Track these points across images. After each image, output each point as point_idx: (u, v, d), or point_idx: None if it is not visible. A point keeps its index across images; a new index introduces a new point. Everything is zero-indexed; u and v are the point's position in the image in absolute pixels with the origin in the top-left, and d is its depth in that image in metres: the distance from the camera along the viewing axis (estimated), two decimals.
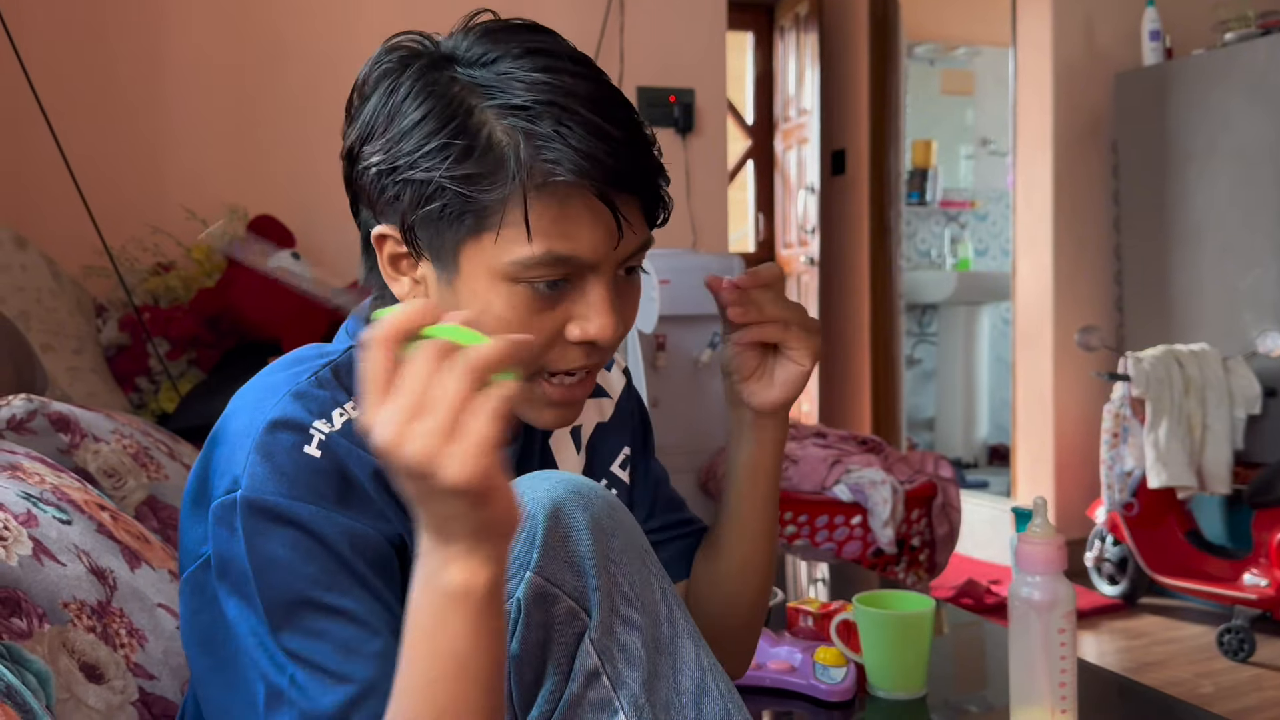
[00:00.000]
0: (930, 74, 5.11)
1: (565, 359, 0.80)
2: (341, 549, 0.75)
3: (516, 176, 0.74)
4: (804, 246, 4.61)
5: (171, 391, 2.53)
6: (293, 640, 0.74)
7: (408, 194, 0.77)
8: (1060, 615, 1.07)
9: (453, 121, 0.76)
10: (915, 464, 2.90)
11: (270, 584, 0.74)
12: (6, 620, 0.91)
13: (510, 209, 0.75)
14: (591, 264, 0.78)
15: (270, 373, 0.84)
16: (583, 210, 0.76)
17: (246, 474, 0.75)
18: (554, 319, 0.79)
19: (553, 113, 0.75)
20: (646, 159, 0.79)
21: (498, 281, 0.77)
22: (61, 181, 2.37)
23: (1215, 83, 3.32)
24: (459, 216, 0.76)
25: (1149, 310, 3.54)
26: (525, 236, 0.75)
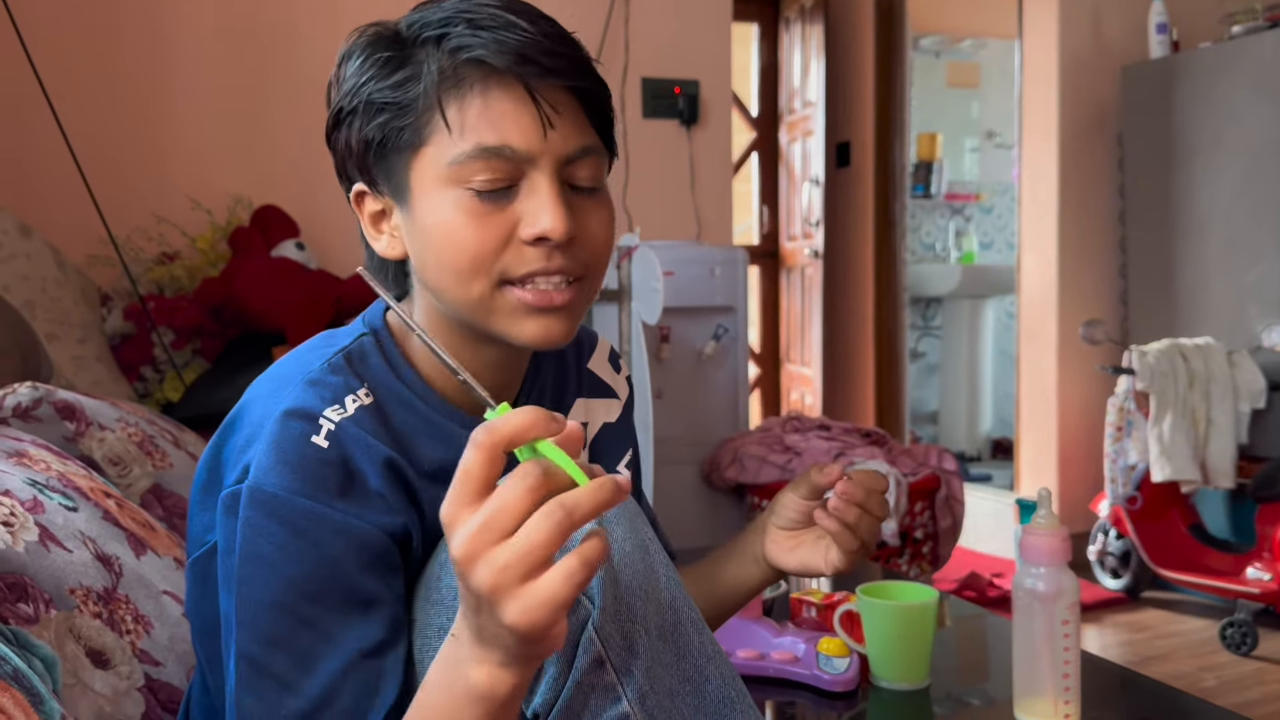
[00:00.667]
0: (936, 66, 5.10)
1: (523, 261, 0.79)
2: (333, 551, 0.75)
3: (431, 72, 0.77)
4: (808, 239, 4.61)
5: (176, 381, 2.53)
6: (253, 643, 0.74)
7: (354, 128, 0.80)
8: (1064, 607, 1.07)
9: (384, 51, 0.80)
10: (919, 457, 2.90)
11: (249, 579, 0.75)
12: (13, 606, 0.91)
13: (435, 108, 0.78)
14: (527, 157, 0.78)
15: (286, 361, 0.85)
16: (505, 99, 0.77)
17: (255, 465, 0.76)
18: (503, 220, 0.79)
19: (466, 17, 0.78)
20: (566, 47, 0.80)
21: (443, 188, 0.79)
22: (66, 170, 2.37)
23: (1222, 76, 3.31)
24: (398, 133, 0.79)
25: (1154, 304, 3.53)
26: (457, 135, 0.77)
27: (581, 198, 0.82)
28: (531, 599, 0.57)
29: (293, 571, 0.74)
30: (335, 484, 0.76)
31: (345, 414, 0.79)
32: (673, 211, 3.54)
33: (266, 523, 0.74)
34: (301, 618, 0.74)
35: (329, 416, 0.78)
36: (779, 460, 2.83)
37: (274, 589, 0.74)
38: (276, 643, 0.74)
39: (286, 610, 0.74)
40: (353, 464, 0.77)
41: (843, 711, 1.20)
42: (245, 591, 0.74)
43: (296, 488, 0.75)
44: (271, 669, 0.74)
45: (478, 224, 0.78)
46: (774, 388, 4.94)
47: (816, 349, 4.57)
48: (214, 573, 0.82)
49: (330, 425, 0.77)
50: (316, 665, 0.74)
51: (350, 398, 0.80)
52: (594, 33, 3.29)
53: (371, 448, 0.78)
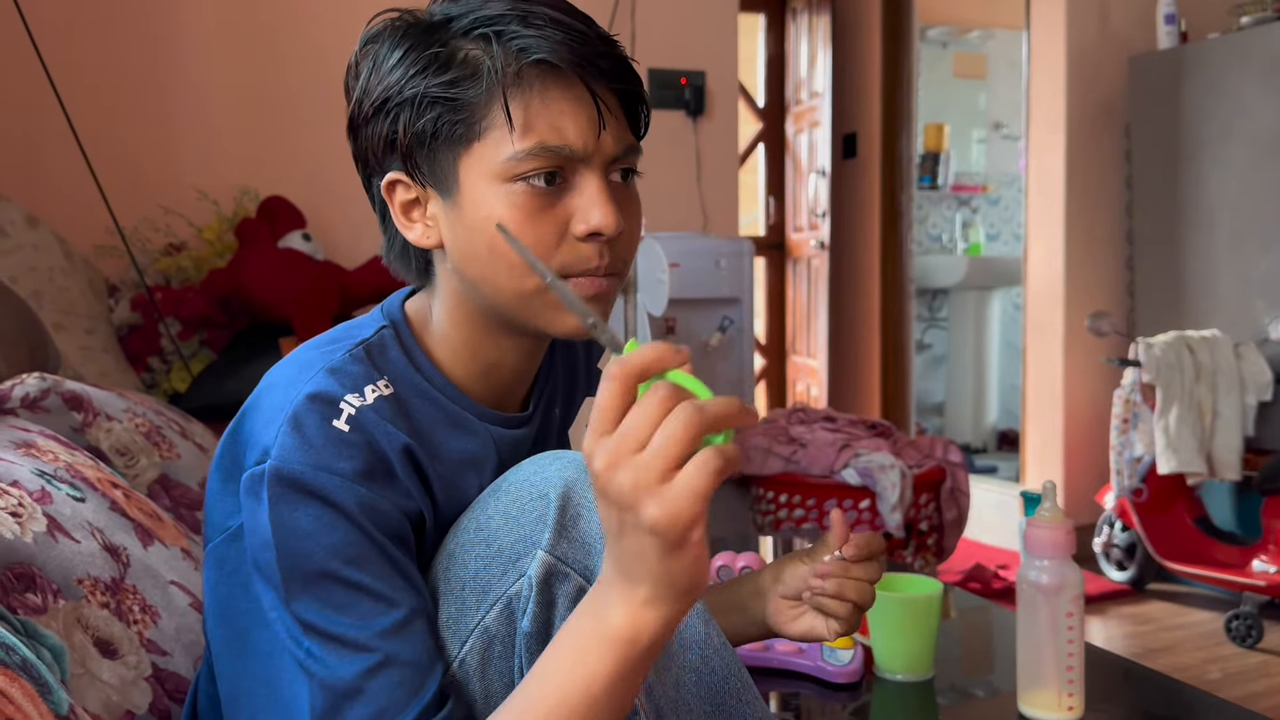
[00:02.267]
0: (943, 57, 5.08)
1: (579, 257, 0.81)
2: (363, 522, 0.76)
3: (493, 71, 0.78)
4: (814, 230, 4.60)
5: (183, 371, 2.54)
6: (309, 612, 0.75)
7: (401, 121, 0.81)
8: (1068, 599, 1.07)
9: (431, 45, 0.80)
10: (924, 448, 2.90)
11: (291, 554, 0.75)
12: (22, 596, 0.91)
13: (494, 107, 0.78)
14: (582, 156, 0.80)
15: (305, 350, 0.85)
16: (563, 99, 0.79)
17: (276, 445, 0.76)
18: (556, 217, 0.80)
19: (516, 14, 0.79)
20: (615, 50, 0.82)
21: (495, 184, 0.79)
22: (74, 161, 2.37)
23: (1231, 67, 3.30)
24: (451, 128, 0.79)
25: (1160, 296, 3.53)
26: (512, 133, 0.78)
27: (622, 195, 0.84)
28: (670, 492, 0.57)
29: (333, 539, 0.75)
30: (359, 466, 0.77)
31: (365, 402, 0.79)
32: (679, 203, 3.54)
33: (297, 498, 0.75)
34: (352, 582, 0.75)
35: (350, 402, 0.79)
36: (784, 452, 2.83)
37: (318, 559, 0.75)
38: (335, 607, 0.75)
39: (336, 578, 0.75)
40: (376, 447, 0.78)
41: (847, 703, 1.20)
42: (289, 566, 0.75)
43: (322, 464, 0.76)
44: (335, 631, 0.74)
45: (533, 219, 0.79)
46: (780, 379, 4.93)
47: (822, 340, 4.57)
48: (233, 557, 0.83)
49: (351, 410, 0.78)
50: (377, 623, 0.75)
51: (370, 388, 0.81)
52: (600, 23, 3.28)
53: (391, 435, 0.79)
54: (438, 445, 0.84)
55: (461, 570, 0.80)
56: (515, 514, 0.79)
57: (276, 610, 0.76)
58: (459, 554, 0.81)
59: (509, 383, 0.90)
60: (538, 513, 0.78)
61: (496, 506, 0.81)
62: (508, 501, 0.80)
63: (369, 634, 0.75)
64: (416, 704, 0.75)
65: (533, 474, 0.81)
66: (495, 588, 0.79)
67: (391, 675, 0.74)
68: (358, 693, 0.74)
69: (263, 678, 0.82)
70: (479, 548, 0.80)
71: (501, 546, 0.79)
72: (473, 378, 0.88)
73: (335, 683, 0.74)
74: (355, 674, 0.74)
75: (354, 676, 0.74)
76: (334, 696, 0.74)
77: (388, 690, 0.74)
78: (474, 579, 0.80)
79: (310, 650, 0.75)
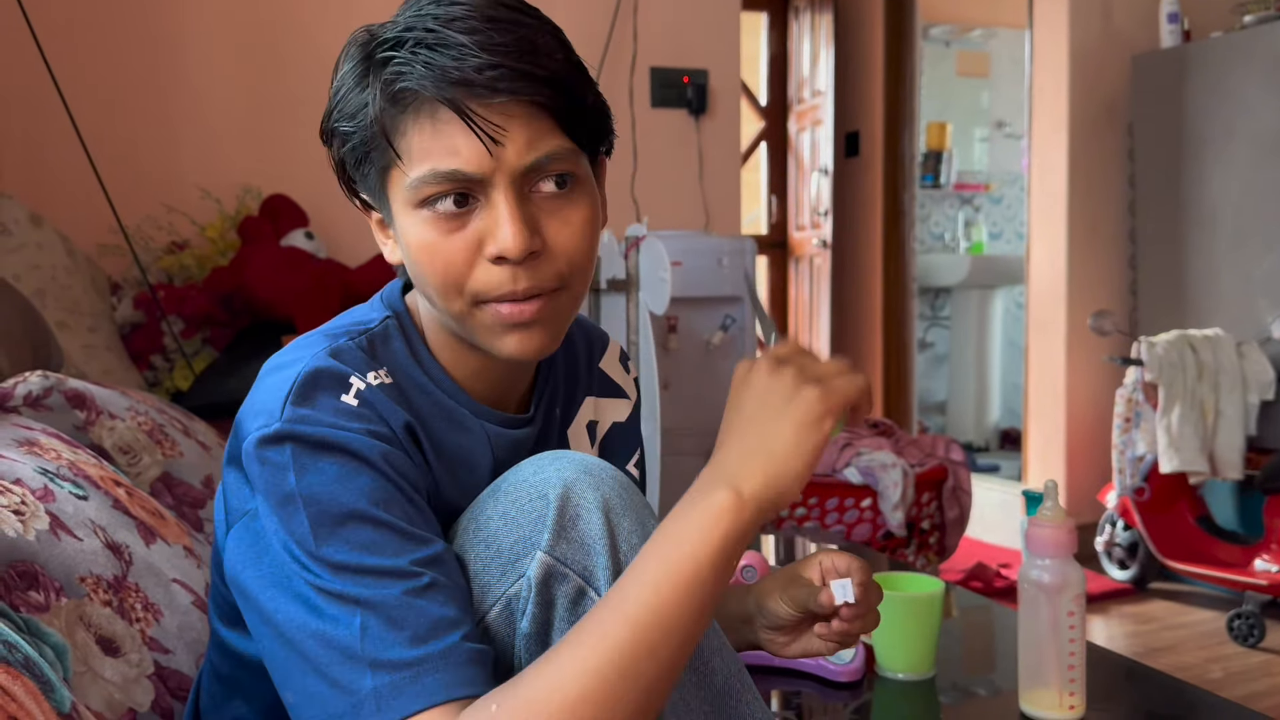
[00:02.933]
0: (945, 55, 5.08)
1: (492, 281, 0.79)
2: (387, 469, 0.76)
3: (376, 104, 0.78)
4: (817, 229, 4.60)
5: (186, 370, 2.54)
6: (339, 553, 0.72)
7: (334, 147, 0.82)
8: (1070, 598, 1.07)
9: (354, 72, 0.80)
10: (926, 447, 2.90)
11: (317, 500, 0.73)
12: (24, 594, 0.92)
13: (399, 136, 0.78)
14: (479, 178, 0.77)
15: (308, 336, 0.86)
16: (451, 122, 0.77)
17: (286, 410, 0.76)
18: (466, 240, 0.79)
19: (412, 35, 0.77)
20: (511, 59, 0.76)
21: (409, 210, 0.80)
22: (77, 160, 2.38)
23: (1234, 66, 3.30)
24: (367, 156, 0.80)
25: (1163, 295, 3.52)
26: (414, 160, 0.77)
27: (553, 204, 0.80)
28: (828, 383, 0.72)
29: (359, 483, 0.74)
30: (372, 427, 0.77)
31: (368, 384, 0.80)
32: (681, 201, 3.54)
33: (317, 450, 0.75)
34: (383, 521, 0.74)
35: (357, 379, 0.79)
36: None
37: (346, 502, 0.73)
38: (365, 547, 0.73)
39: (366, 518, 0.73)
40: (383, 420, 0.78)
41: (848, 701, 1.20)
42: (316, 512, 0.73)
43: (337, 423, 0.76)
44: (370, 566, 0.72)
45: (443, 244, 0.79)
46: None
47: (824, 339, 4.57)
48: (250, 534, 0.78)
49: (360, 386, 0.79)
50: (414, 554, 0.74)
51: (372, 374, 0.81)
52: (603, 22, 3.29)
53: (395, 412, 0.80)
54: (434, 437, 0.84)
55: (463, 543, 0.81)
56: (514, 514, 0.79)
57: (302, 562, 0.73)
58: (458, 554, 0.81)
59: (503, 383, 0.90)
60: (537, 513, 0.78)
61: (495, 507, 0.81)
62: (506, 502, 0.80)
63: (407, 563, 0.73)
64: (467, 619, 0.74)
65: (532, 474, 0.81)
66: (494, 588, 0.79)
67: (437, 594, 0.73)
68: (409, 607, 0.71)
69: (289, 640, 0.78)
70: (478, 548, 0.80)
71: (500, 547, 0.79)
72: (468, 375, 0.88)
73: (383, 600, 0.71)
74: (402, 592, 0.72)
75: (401, 594, 0.72)
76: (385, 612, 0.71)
77: (438, 605, 0.72)
78: (474, 579, 0.79)
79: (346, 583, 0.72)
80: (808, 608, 0.98)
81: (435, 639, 0.71)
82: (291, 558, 0.73)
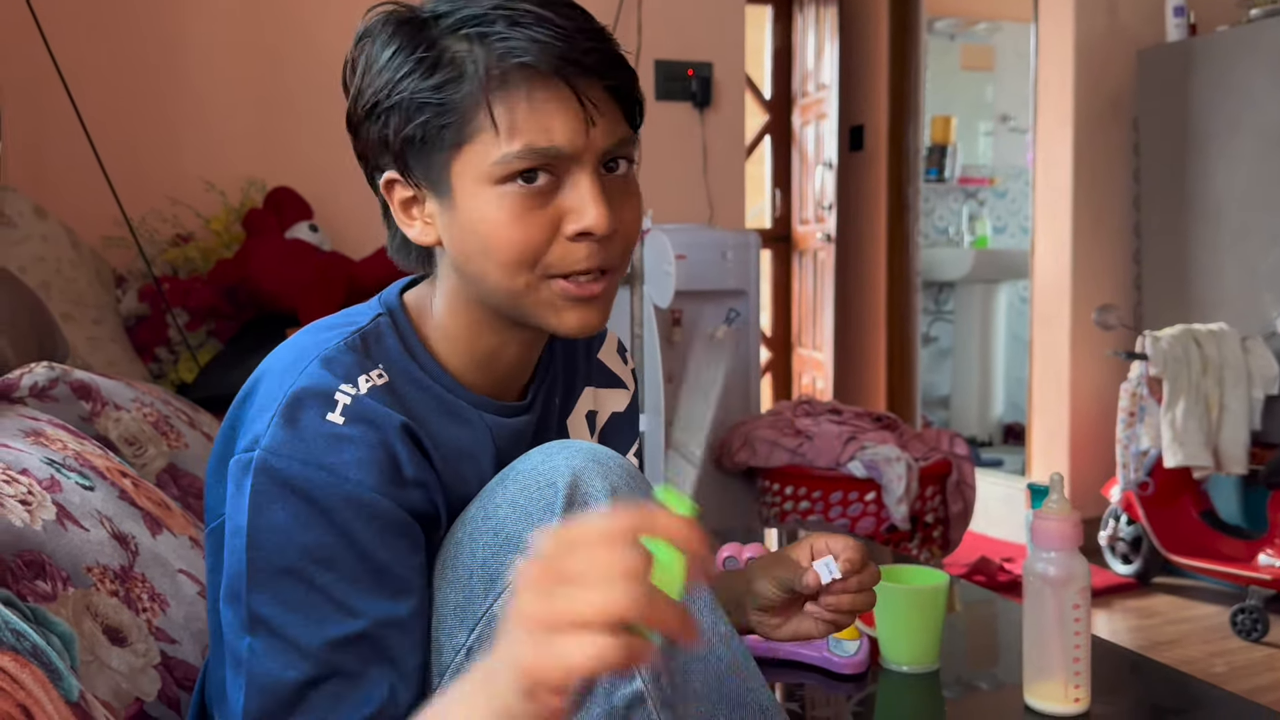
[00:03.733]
0: (950, 49, 5.06)
1: (569, 258, 0.81)
2: (345, 520, 0.76)
3: (477, 74, 0.77)
4: (821, 223, 4.59)
5: (191, 362, 2.55)
6: (264, 605, 0.75)
7: (392, 125, 0.81)
8: (1075, 591, 1.07)
9: (418, 46, 0.79)
10: (930, 441, 2.90)
11: (261, 546, 0.76)
12: (31, 583, 0.92)
13: (480, 111, 0.78)
14: (571, 155, 0.79)
15: (301, 336, 0.86)
16: (550, 100, 0.78)
17: (267, 436, 0.77)
18: (547, 217, 0.80)
19: (503, 14, 0.78)
20: (603, 44, 0.81)
21: (486, 186, 0.79)
22: (82, 152, 2.38)
23: (1239, 60, 3.29)
24: (439, 132, 0.79)
25: (1168, 289, 3.52)
26: (502, 136, 0.78)
27: (620, 187, 0.83)
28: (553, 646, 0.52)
29: (306, 539, 0.75)
30: (348, 457, 0.77)
31: (359, 391, 0.80)
32: (685, 195, 3.54)
33: (278, 491, 0.76)
34: (315, 584, 0.75)
35: (344, 392, 0.79)
36: (790, 444, 2.83)
37: (288, 555, 0.75)
38: (291, 606, 0.75)
39: (301, 576, 0.75)
40: (370, 435, 0.78)
41: (852, 694, 1.20)
42: (258, 557, 0.76)
43: (311, 459, 0.76)
44: (285, 632, 0.75)
45: (524, 221, 0.79)
46: (785, 372, 4.93)
47: (828, 333, 4.57)
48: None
49: (346, 400, 0.79)
50: (328, 631, 0.75)
51: (363, 377, 0.81)
52: (607, 14, 3.28)
53: (388, 416, 0.79)
54: (433, 434, 0.84)
55: (469, 558, 0.81)
56: (523, 502, 0.79)
57: (231, 598, 0.77)
58: (466, 542, 0.81)
59: (508, 372, 0.91)
60: (545, 501, 0.78)
61: (504, 495, 0.81)
62: (515, 490, 0.80)
63: (319, 641, 0.75)
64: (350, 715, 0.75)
65: (540, 462, 0.81)
66: (504, 576, 0.79)
67: (334, 689, 0.75)
68: (297, 703, 0.74)
69: None
70: (486, 536, 0.80)
71: (509, 535, 0.79)
72: (470, 367, 0.88)
73: (277, 688, 0.75)
74: (297, 682, 0.74)
75: (295, 685, 0.74)
76: (274, 702, 0.75)
77: (328, 703, 0.75)
78: (482, 567, 0.80)
79: (253, 647, 0.75)
80: (793, 588, 0.99)
81: None
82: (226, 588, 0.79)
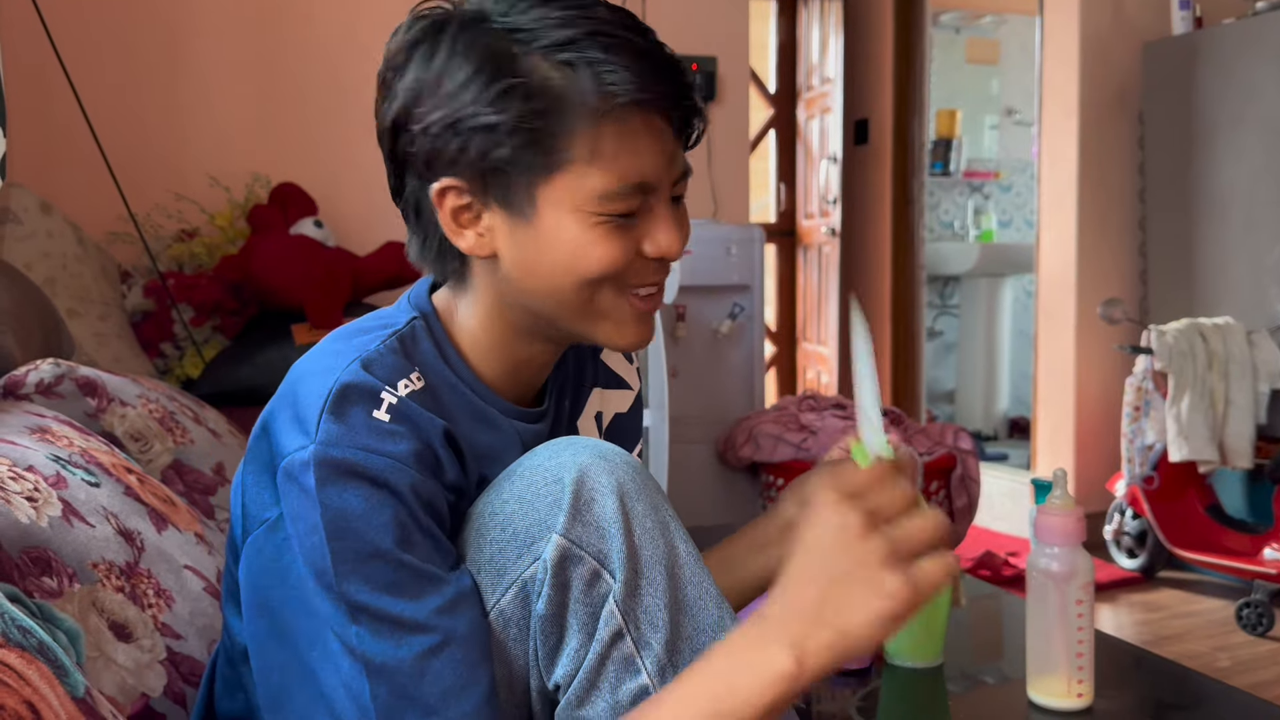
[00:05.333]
0: (955, 42, 5.05)
1: (644, 274, 0.85)
2: (412, 503, 0.77)
3: (582, 105, 0.77)
4: (825, 217, 4.59)
5: (196, 357, 2.55)
6: (360, 593, 0.75)
7: (474, 144, 0.79)
8: (1078, 587, 1.07)
9: (505, 68, 0.78)
10: (935, 436, 2.90)
11: (340, 535, 0.75)
12: (38, 579, 0.92)
13: (579, 141, 0.78)
14: (656, 186, 0.82)
15: (335, 340, 0.86)
16: (643, 133, 0.80)
17: (320, 431, 0.77)
18: (633, 238, 0.83)
19: (599, 42, 0.78)
20: (684, 76, 0.83)
21: (579, 215, 0.81)
22: (87, 148, 2.38)
23: (1245, 53, 3.28)
24: (530, 158, 0.79)
25: (1173, 283, 3.51)
26: (598, 167, 0.79)
27: (680, 215, 0.87)
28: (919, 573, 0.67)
29: (382, 520, 0.76)
30: (403, 448, 0.78)
31: (400, 395, 0.80)
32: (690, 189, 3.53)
33: (346, 481, 0.76)
34: (403, 563, 0.76)
35: (389, 392, 0.79)
36: (794, 439, 2.83)
37: (368, 539, 0.75)
38: (386, 587, 0.75)
39: (388, 558, 0.75)
40: (416, 435, 0.79)
41: (856, 689, 1.20)
42: (340, 547, 0.75)
43: (370, 447, 0.77)
44: (388, 612, 0.75)
45: (612, 244, 0.82)
46: (790, 366, 4.93)
47: (833, 327, 4.56)
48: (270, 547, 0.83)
49: (391, 400, 0.79)
50: (430, 601, 0.76)
51: (403, 381, 0.81)
52: None
53: (431, 420, 0.80)
54: (466, 437, 0.84)
55: (477, 553, 0.81)
56: (530, 498, 0.80)
57: (322, 596, 0.76)
58: (475, 538, 0.82)
59: (531, 379, 0.92)
60: (552, 497, 0.79)
61: (512, 491, 0.81)
62: (523, 486, 0.81)
63: (425, 613, 0.76)
64: (483, 679, 0.76)
65: (547, 459, 0.82)
66: (510, 571, 0.79)
67: (453, 653, 0.76)
68: (421, 674, 0.75)
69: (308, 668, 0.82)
70: (494, 531, 0.81)
71: (517, 530, 0.80)
72: (498, 374, 0.89)
73: (398, 666, 0.75)
74: (415, 655, 0.75)
75: (414, 658, 0.75)
76: (399, 680, 0.75)
77: (451, 668, 0.75)
78: (490, 562, 0.80)
79: (360, 635, 0.75)
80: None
81: (445, 709, 0.75)
82: (315, 586, 0.77)
